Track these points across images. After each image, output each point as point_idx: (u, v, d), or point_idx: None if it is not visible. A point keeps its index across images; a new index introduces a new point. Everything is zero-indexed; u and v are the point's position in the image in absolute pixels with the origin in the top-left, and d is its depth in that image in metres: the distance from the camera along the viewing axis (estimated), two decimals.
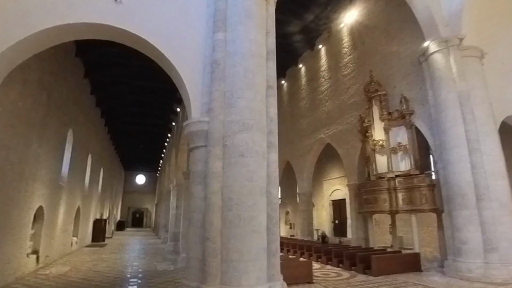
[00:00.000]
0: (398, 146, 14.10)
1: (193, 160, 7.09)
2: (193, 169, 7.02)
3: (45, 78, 11.05)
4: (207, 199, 6.47)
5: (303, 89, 23.43)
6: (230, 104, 6.85)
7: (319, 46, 21.77)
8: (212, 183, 6.46)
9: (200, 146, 6.94)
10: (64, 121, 13.90)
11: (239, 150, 6.52)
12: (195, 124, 7.00)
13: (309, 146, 21.55)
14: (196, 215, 6.65)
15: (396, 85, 15.03)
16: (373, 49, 16.79)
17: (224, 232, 6.20)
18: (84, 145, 18.57)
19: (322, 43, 21.61)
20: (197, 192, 6.75)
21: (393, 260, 11.36)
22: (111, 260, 14.30)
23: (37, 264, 11.67)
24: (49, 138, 11.93)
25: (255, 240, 6.20)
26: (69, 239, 16.65)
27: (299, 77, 24.25)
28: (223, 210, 6.32)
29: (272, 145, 7.20)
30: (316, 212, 26.35)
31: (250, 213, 6.26)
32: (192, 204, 6.80)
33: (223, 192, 6.42)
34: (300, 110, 23.53)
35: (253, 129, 6.71)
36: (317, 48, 21.96)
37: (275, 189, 7.01)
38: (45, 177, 11.84)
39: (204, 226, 6.40)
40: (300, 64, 23.93)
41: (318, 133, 20.73)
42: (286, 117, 24.49)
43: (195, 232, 6.58)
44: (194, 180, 6.88)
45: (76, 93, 15.53)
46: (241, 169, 6.42)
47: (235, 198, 6.28)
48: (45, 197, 12.05)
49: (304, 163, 22.12)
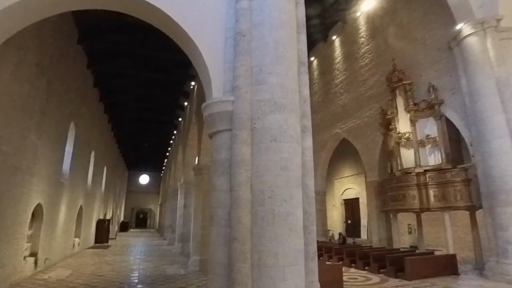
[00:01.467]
0: (426, 138, 13.04)
1: (215, 146, 6.04)
2: (215, 158, 5.97)
3: (45, 62, 10.06)
4: (233, 192, 5.41)
5: (315, 83, 22.34)
6: (259, 81, 5.81)
7: (333, 37, 20.73)
8: (238, 173, 5.41)
9: (223, 130, 5.89)
10: (66, 112, 12.91)
11: (270, 134, 5.48)
12: (218, 105, 5.95)
13: (323, 142, 20.45)
14: (219, 211, 5.59)
15: (422, 74, 13.97)
16: (394, 37, 15.72)
17: (254, 231, 5.16)
18: (87, 140, 17.58)
19: (336, 34, 20.56)
20: (220, 184, 5.69)
21: (428, 263, 10.29)
22: (116, 263, 13.27)
23: (36, 267, 10.65)
24: (48, 129, 10.93)
25: (292, 241, 5.15)
26: (70, 240, 15.64)
27: (311, 71, 23.16)
28: (253, 205, 5.27)
29: (307, 129, 6.18)
30: (327, 213, 25.24)
31: (286, 208, 5.21)
32: (214, 199, 5.74)
33: (252, 183, 5.37)
34: (312, 104, 22.22)
35: (287, 109, 5.68)
36: (331, 40, 20.92)
37: (311, 181, 5.96)
38: (44, 172, 10.84)
39: (230, 224, 5.35)
40: (312, 57, 22.84)
41: (332, 128, 19.67)
42: None
43: (218, 232, 5.52)
44: (217, 170, 5.83)
45: (79, 83, 14.54)
46: (273, 156, 5.38)
47: (268, 190, 5.24)
48: (44, 194, 11.05)
49: (318, 159, 20.95)
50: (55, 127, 11.66)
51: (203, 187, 12.11)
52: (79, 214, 17.13)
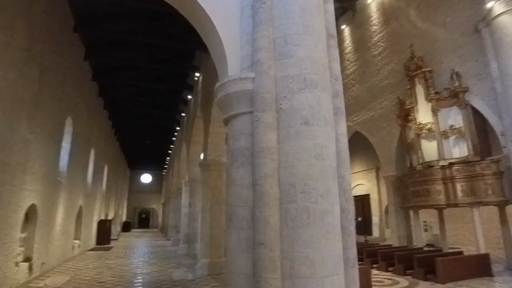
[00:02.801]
0: (450, 129, 12.08)
1: (232, 133, 5.11)
2: (232, 147, 5.04)
3: (36, 48, 9.13)
4: (257, 186, 4.49)
5: None
6: (284, 54, 4.88)
7: (342, 26, 19.71)
8: (263, 164, 4.49)
9: (243, 113, 4.96)
10: (61, 106, 11.98)
11: (301, 116, 4.55)
12: (235, 83, 5.01)
13: None
14: (239, 210, 4.67)
15: (443, 61, 13.00)
16: (410, 23, 14.73)
17: (285, 234, 4.24)
18: (86, 137, 16.66)
19: (346, 23, 19.59)
20: (240, 178, 4.77)
21: (460, 263, 9.37)
22: (118, 267, 12.37)
23: (30, 273, 9.74)
24: (42, 123, 10.01)
25: (331, 245, 4.24)
26: (70, 242, 14.74)
27: None
28: (282, 201, 4.35)
29: (340, 111, 5.24)
30: None
31: (323, 205, 4.29)
32: (233, 195, 4.81)
33: (280, 175, 4.45)
34: None
35: (318, 87, 4.76)
36: (340, 29, 19.88)
37: (348, 172, 5.03)
38: (38, 170, 9.93)
39: (253, 226, 4.43)
40: None
41: None
42: None
43: (238, 235, 4.60)
44: (235, 161, 4.90)
45: (76, 75, 13.60)
46: (306, 142, 4.45)
47: (300, 183, 4.32)
48: (39, 194, 10.14)
49: None
50: (49, 121, 10.74)
51: (211, 184, 11.20)
52: (78, 215, 16.23)
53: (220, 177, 11.43)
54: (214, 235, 10.84)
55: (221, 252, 10.92)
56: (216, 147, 11.80)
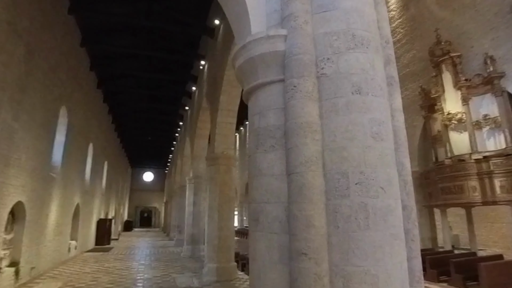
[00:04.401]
0: (484, 119, 10.89)
1: (257, 109, 3.98)
2: (257, 126, 3.90)
3: (22, 24, 8.03)
4: (294, 176, 3.36)
5: None
6: (324, 6, 3.76)
7: None
8: (303, 146, 3.36)
9: (271, 82, 3.83)
10: (54, 93, 10.88)
11: (351, 82, 3.44)
12: (261, 43, 3.87)
13: None
14: (269, 208, 3.53)
15: (474, 44, 11.80)
16: (434, 6, 13.54)
17: (334, 240, 3.11)
18: (83, 130, 15.56)
19: None
20: (269, 165, 3.63)
21: (506, 269, 8.19)
22: (116, 271, 11.27)
23: (17, 279, 8.65)
24: (30, 111, 8.91)
25: (397, 255, 3.13)
26: (65, 243, 13.64)
27: None
28: (329, 196, 3.23)
29: (394, 81, 4.09)
30: None
31: (386, 201, 3.18)
32: (260, 189, 3.67)
33: (325, 161, 3.32)
34: None
35: (371, 47, 3.66)
36: None
37: (407, 159, 3.88)
38: (25, 163, 8.83)
39: (290, 229, 3.29)
40: None
41: None
42: None
43: (269, 241, 3.46)
44: (262, 143, 3.76)
45: (71, 62, 12.49)
46: (359, 116, 3.33)
47: (354, 172, 3.19)
48: (27, 190, 9.04)
49: None
50: (40, 109, 9.64)
51: (219, 180, 10.07)
52: (75, 214, 15.15)
53: (229, 172, 10.31)
54: (222, 237, 9.71)
55: (231, 256, 9.81)
56: (224, 139, 10.68)
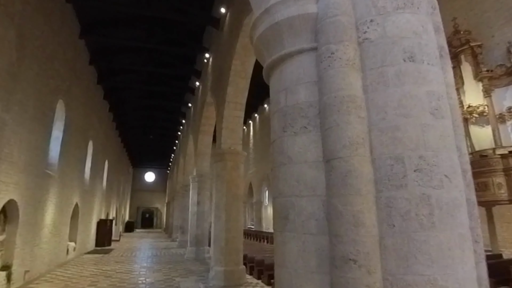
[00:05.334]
0: (508, 111, 10.19)
1: (283, 84, 3.30)
2: (283, 104, 3.23)
3: (15, 7, 7.40)
4: (335, 162, 2.69)
5: None
6: None
7: None
8: (345, 125, 2.70)
9: (300, 51, 3.17)
10: (50, 86, 10.25)
11: (402, 48, 2.79)
12: (287, 5, 3.20)
13: None
14: (302, 203, 2.85)
15: (495, 34, 11.12)
16: None
17: (389, 242, 2.45)
18: (83, 127, 14.94)
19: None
20: (300, 151, 2.96)
21: None
22: (117, 275, 10.61)
23: (9, 284, 7.99)
24: (24, 102, 8.27)
25: (467, 261, 2.48)
26: (63, 245, 13.00)
27: None
28: (380, 187, 2.57)
29: (444, 52, 3.40)
30: None
31: (452, 193, 2.54)
32: (289, 179, 3.00)
33: (373, 144, 2.66)
34: None
35: (422, 8, 3.01)
36: None
37: (464, 143, 3.21)
38: (18, 158, 8.19)
39: (330, 228, 2.63)
40: None
41: None
42: None
43: (303, 244, 2.78)
44: (290, 125, 3.10)
45: (69, 54, 11.87)
46: (414, 88, 2.69)
47: (412, 156, 2.54)
48: (20, 188, 8.40)
49: None
50: (34, 101, 9.01)
51: (226, 177, 9.40)
52: (74, 214, 14.51)
53: (236, 169, 9.64)
54: (230, 238, 9.04)
55: (239, 259, 9.14)
56: (231, 133, 10.01)
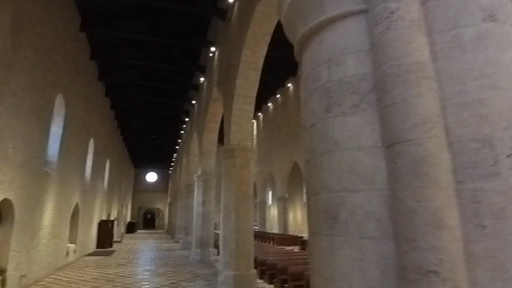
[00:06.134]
0: None
1: (323, 56, 2.70)
2: (325, 79, 2.63)
3: None
4: (401, 146, 2.09)
5: None
6: None
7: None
8: (415, 98, 2.10)
9: (346, 15, 2.57)
10: (49, 78, 9.71)
11: (479, 5, 2.23)
12: None
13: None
14: (357, 199, 2.23)
15: None
16: None
17: (477, 248, 1.86)
18: (83, 124, 14.40)
19: None
20: (351, 135, 2.36)
21: None
22: (119, 279, 10.05)
23: None
24: (20, 93, 7.73)
25: None
26: (63, 247, 12.45)
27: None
28: (461, 177, 1.98)
29: None
30: None
31: None
32: (335, 169, 2.38)
33: (448, 123, 2.07)
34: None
35: None
36: None
37: None
38: (13, 154, 7.65)
39: (401, 232, 2.03)
40: None
41: None
42: None
43: (360, 250, 2.16)
44: (336, 103, 2.49)
45: (69, 46, 11.33)
46: (499, 53, 2.12)
47: (503, 137, 1.97)
48: (16, 186, 7.85)
49: None
50: (31, 94, 8.46)
51: (236, 175, 8.84)
52: (74, 214, 13.97)
53: (246, 166, 9.07)
54: (240, 240, 8.47)
55: (250, 262, 8.56)
56: (240, 128, 9.45)
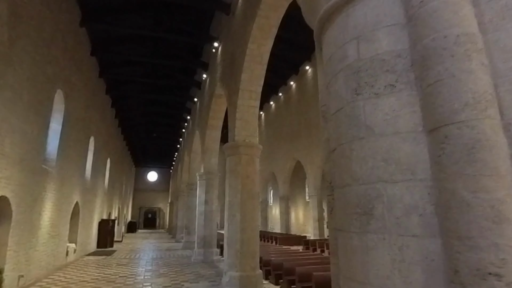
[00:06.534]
0: None
1: (350, 32, 2.38)
2: (353, 57, 2.31)
3: None
4: (449, 129, 1.78)
5: None
6: None
7: None
8: (466, 74, 1.79)
9: None
10: (48, 73, 9.42)
11: None
12: None
13: None
14: (395, 191, 1.91)
15: None
16: None
17: None
18: (84, 121, 14.12)
19: None
20: (386, 119, 2.04)
21: None
22: (120, 279, 9.76)
23: None
24: (17, 87, 7.45)
25: None
26: (62, 247, 12.17)
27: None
28: None
29: None
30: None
31: None
32: (368, 158, 2.07)
33: (502, 102, 1.77)
34: None
35: None
36: None
37: None
38: (11, 150, 7.37)
39: (452, 228, 1.71)
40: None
41: None
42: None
43: (401, 249, 1.84)
44: (368, 84, 2.18)
45: (69, 42, 11.06)
46: None
47: None
48: (13, 183, 7.57)
49: None
50: (29, 88, 8.18)
51: (241, 172, 8.55)
52: (74, 213, 13.69)
53: (252, 163, 8.78)
54: (246, 240, 8.18)
55: (256, 263, 8.27)
56: (246, 124, 9.17)
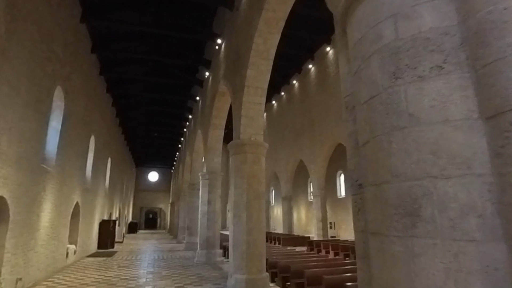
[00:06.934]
0: None
1: (385, 10, 2.07)
2: (390, 37, 2.02)
3: None
4: (510, 116, 1.49)
5: None
6: None
7: None
8: None
9: None
10: (47, 69, 9.14)
11: None
12: None
13: None
14: (447, 188, 1.61)
15: None
16: None
17: None
18: (84, 120, 13.84)
19: None
20: (435, 105, 1.75)
21: None
22: (120, 282, 9.46)
23: None
24: (14, 82, 7.16)
25: None
26: (62, 248, 11.88)
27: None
28: None
29: None
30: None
31: None
32: (411, 151, 1.76)
33: None
34: None
35: None
36: None
37: None
38: (8, 149, 7.08)
39: None
40: None
41: None
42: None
43: (456, 257, 1.53)
44: (409, 66, 1.88)
45: (69, 38, 10.77)
46: None
47: None
48: (11, 183, 7.28)
49: None
50: (27, 84, 7.89)
51: (247, 171, 8.26)
52: (74, 214, 13.40)
53: (258, 162, 8.49)
54: (252, 242, 7.89)
55: (262, 265, 7.98)
56: (251, 122, 8.88)
